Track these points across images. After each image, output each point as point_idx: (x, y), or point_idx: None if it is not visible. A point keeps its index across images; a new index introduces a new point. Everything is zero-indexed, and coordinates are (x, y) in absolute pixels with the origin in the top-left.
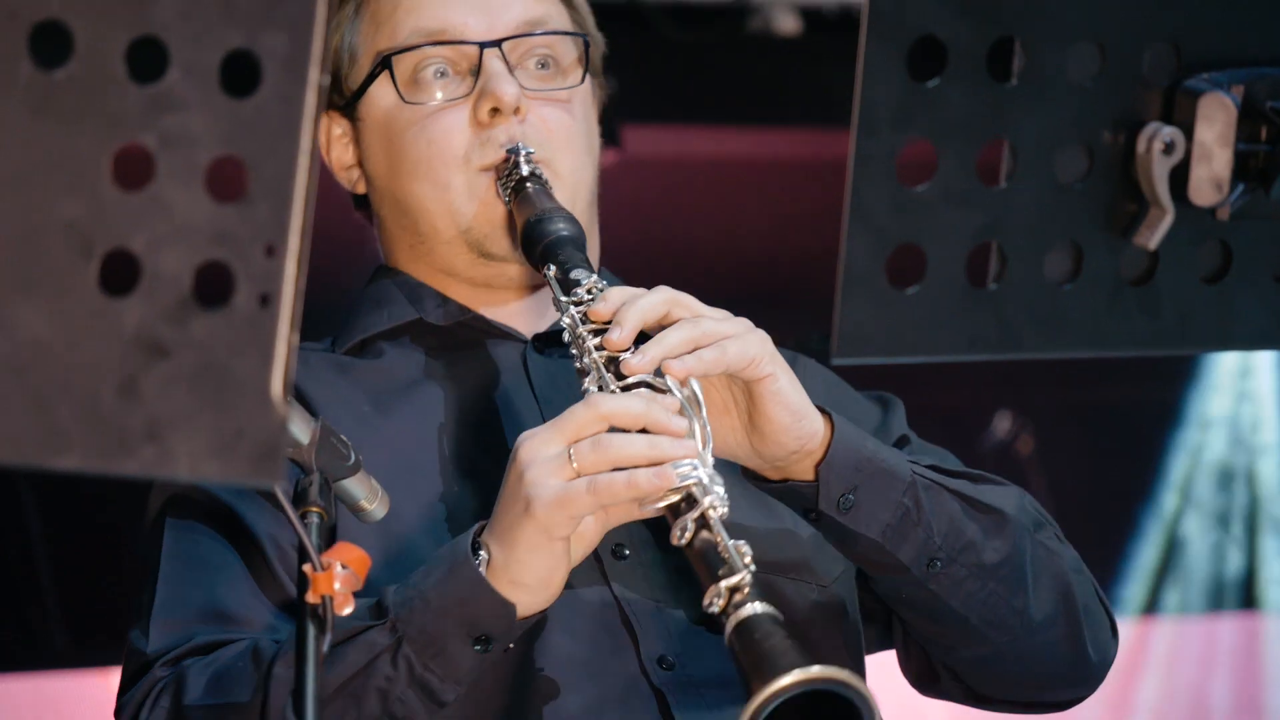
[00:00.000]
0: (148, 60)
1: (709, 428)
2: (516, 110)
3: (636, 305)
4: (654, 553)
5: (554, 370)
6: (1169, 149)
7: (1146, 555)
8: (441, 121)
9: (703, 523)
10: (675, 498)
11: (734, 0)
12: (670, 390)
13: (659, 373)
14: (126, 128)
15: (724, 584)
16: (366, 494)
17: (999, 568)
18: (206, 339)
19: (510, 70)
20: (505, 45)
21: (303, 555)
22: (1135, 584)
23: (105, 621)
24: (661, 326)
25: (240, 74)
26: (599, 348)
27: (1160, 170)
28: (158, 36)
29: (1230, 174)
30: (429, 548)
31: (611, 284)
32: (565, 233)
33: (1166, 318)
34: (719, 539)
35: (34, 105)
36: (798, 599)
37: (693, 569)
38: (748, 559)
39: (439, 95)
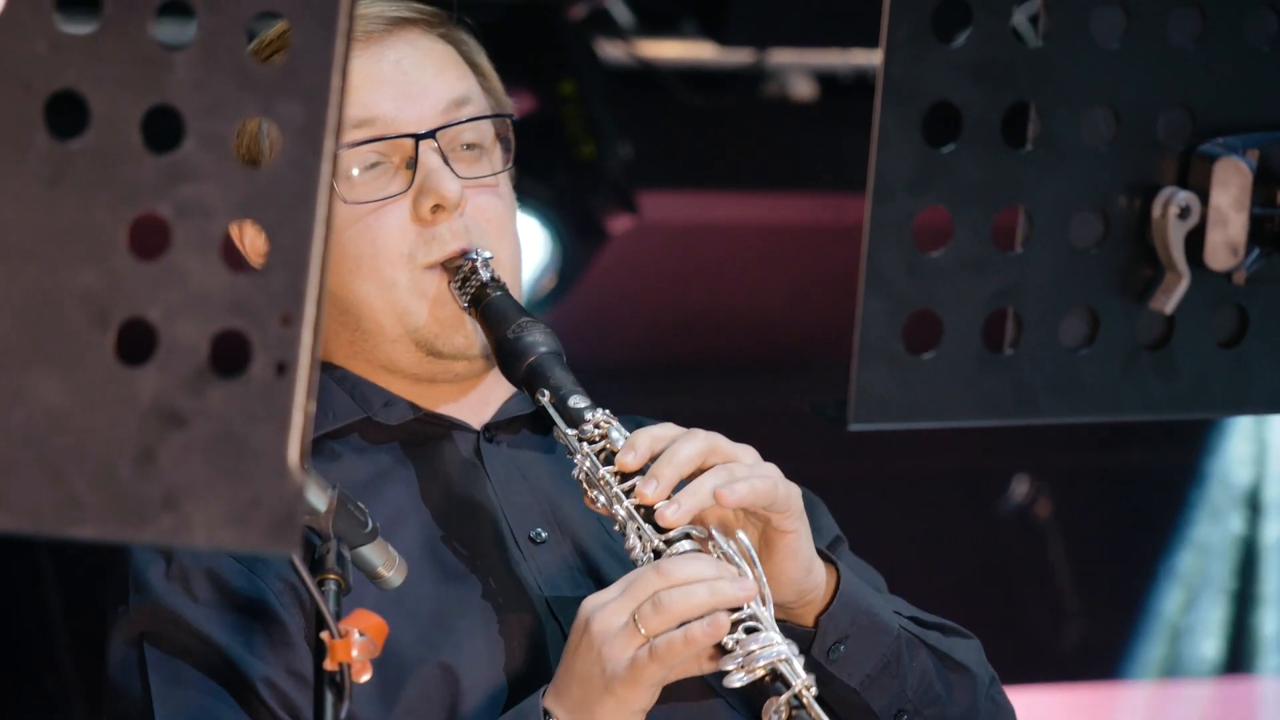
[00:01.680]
0: (163, 130)
1: (766, 585)
2: (458, 205)
3: (673, 461)
4: None
5: (508, 459)
6: (1184, 214)
7: (1164, 618)
8: (382, 219)
9: (798, 703)
10: (762, 673)
11: (749, 65)
12: (715, 539)
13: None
14: (142, 197)
15: None
16: (384, 561)
17: None
18: (223, 408)
19: (447, 162)
20: (439, 135)
21: (320, 623)
22: (1153, 646)
23: None
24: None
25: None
26: (627, 493)
27: (1176, 235)
28: (173, 106)
29: (1246, 238)
30: (408, 644)
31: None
32: (545, 349)
33: (1183, 382)
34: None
35: (50, 175)
36: None
37: None
38: None
39: (374, 191)
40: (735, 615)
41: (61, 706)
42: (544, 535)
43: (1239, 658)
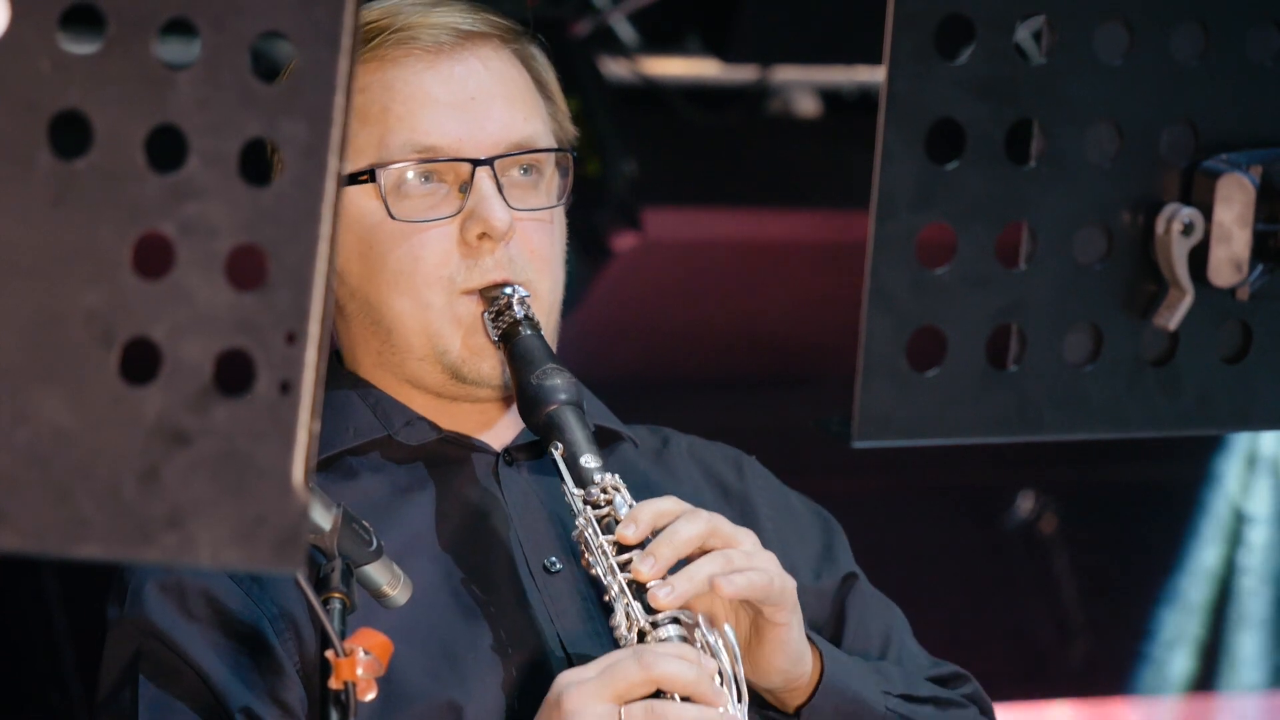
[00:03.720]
0: (167, 149)
1: (745, 684)
2: (505, 235)
3: (673, 542)
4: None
5: (526, 484)
6: (1188, 230)
7: (1169, 635)
8: (428, 240)
9: None
10: None
11: (753, 82)
12: (699, 628)
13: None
14: (146, 217)
15: None
16: (389, 580)
17: None
18: (227, 427)
19: (500, 190)
20: (496, 163)
21: (326, 641)
22: (1158, 663)
23: None
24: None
25: (260, 163)
26: (622, 566)
27: (1179, 251)
28: (177, 125)
29: (1249, 254)
30: (429, 684)
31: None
32: (564, 398)
33: (1187, 398)
34: None
35: (54, 195)
36: None
37: None
38: None
39: (425, 210)
40: None
41: None
42: (558, 565)
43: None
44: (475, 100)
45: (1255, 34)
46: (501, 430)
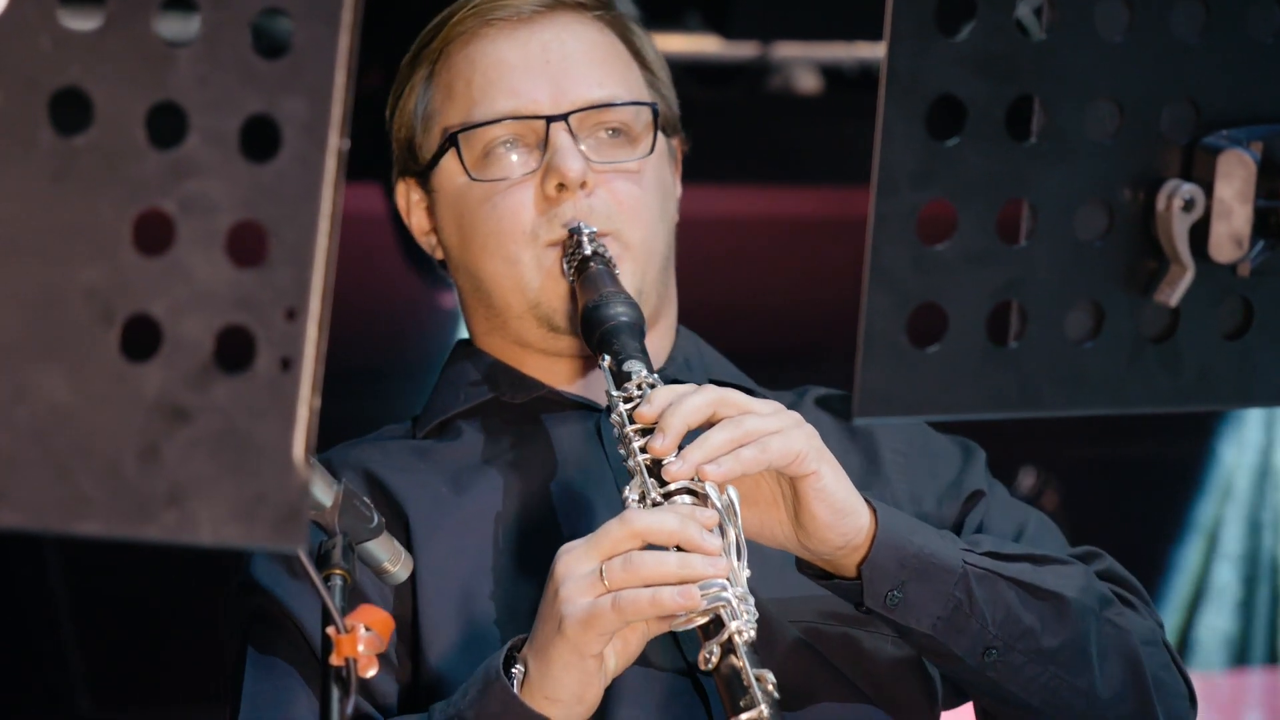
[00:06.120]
0: (167, 126)
1: (744, 539)
2: (583, 185)
3: (680, 409)
4: None
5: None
6: (1189, 206)
7: (1172, 610)
8: (510, 198)
9: (729, 647)
10: (703, 619)
11: (754, 59)
12: (710, 496)
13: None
14: (147, 193)
15: (744, 716)
16: (390, 556)
17: (1059, 652)
18: (228, 403)
19: (577, 143)
20: (573, 118)
21: (326, 618)
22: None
23: (128, 685)
24: (709, 424)
25: (260, 139)
26: (643, 449)
27: (1180, 227)
28: (177, 102)
29: (1250, 230)
30: (510, 629)
31: (685, 348)
32: (623, 318)
33: (1187, 375)
34: (742, 666)
35: (54, 172)
36: (875, 651)
37: (719, 694)
38: (770, 687)
39: (507, 170)
40: (706, 591)
41: (66, 701)
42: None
43: (1246, 649)
44: (551, 63)
45: (1255, 10)
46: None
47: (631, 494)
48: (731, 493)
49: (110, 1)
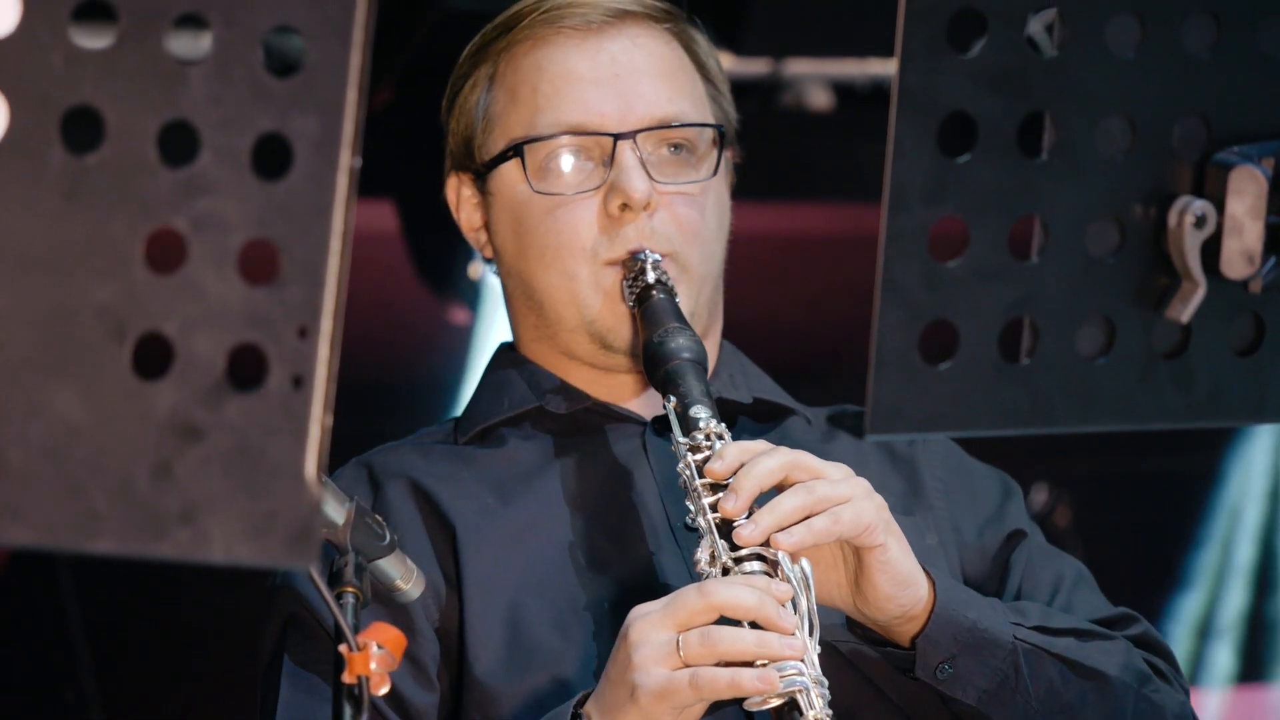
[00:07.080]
0: (179, 144)
1: (816, 612)
2: (646, 206)
3: (754, 472)
4: None
5: (673, 453)
6: (1200, 222)
7: (1185, 626)
8: (571, 212)
9: None
10: (778, 701)
11: (766, 75)
12: (781, 565)
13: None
14: (159, 211)
15: None
16: (402, 574)
17: None
18: (240, 421)
19: (643, 163)
20: (639, 137)
21: (339, 636)
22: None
23: (141, 701)
24: (780, 487)
25: (272, 157)
26: (713, 507)
27: (1192, 243)
28: (189, 120)
29: (1262, 247)
30: (556, 641)
31: (729, 363)
32: (686, 356)
33: (1199, 391)
34: None
35: (66, 190)
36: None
37: None
38: None
39: (569, 183)
40: (783, 674)
41: (80, 719)
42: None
43: (1262, 665)
44: (620, 77)
45: (1267, 26)
46: (652, 402)
47: (702, 554)
48: (805, 565)
49: (122, 20)
